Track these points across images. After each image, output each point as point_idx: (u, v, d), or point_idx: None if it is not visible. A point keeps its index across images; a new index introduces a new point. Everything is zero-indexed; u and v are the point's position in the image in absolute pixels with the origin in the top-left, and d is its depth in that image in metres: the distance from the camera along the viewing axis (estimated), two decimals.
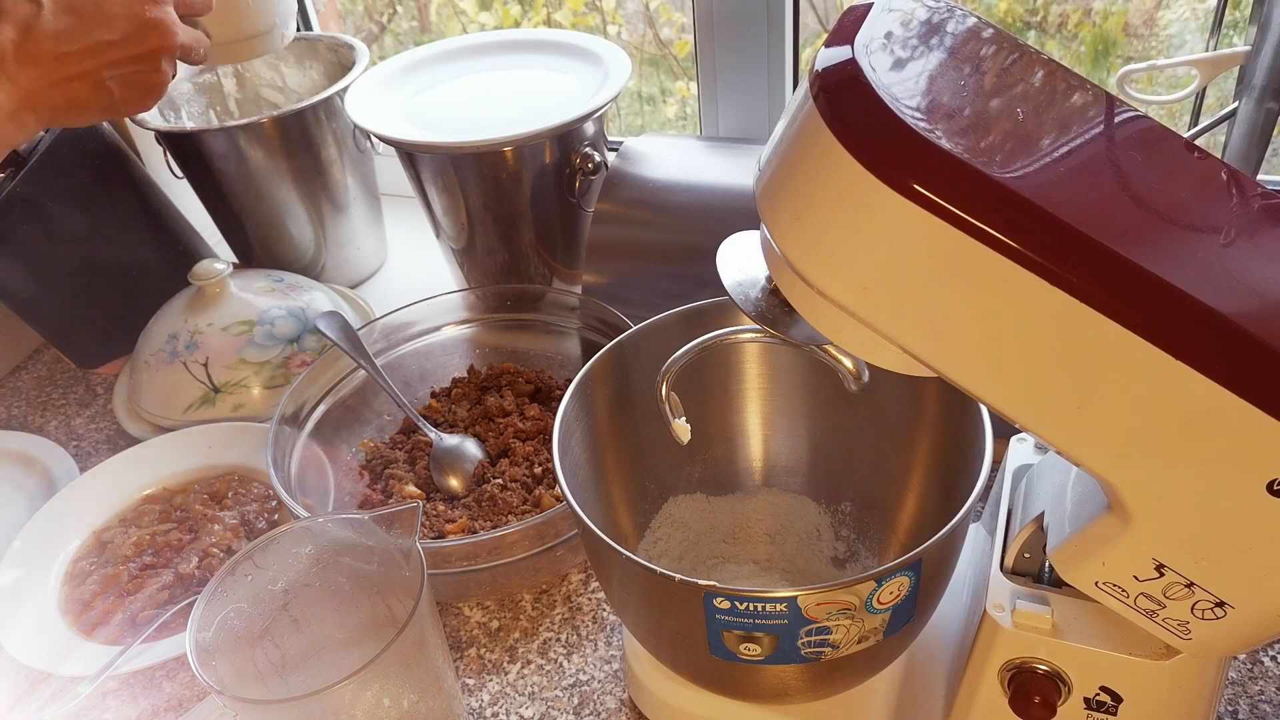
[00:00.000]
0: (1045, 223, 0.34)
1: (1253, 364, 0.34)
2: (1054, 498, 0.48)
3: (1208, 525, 0.38)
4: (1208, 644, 0.43)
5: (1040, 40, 1.14)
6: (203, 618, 0.53)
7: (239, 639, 0.55)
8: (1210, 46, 0.72)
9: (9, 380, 1.04)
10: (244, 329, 0.88)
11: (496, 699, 0.66)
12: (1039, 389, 0.38)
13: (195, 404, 0.87)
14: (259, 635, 0.57)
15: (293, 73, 1.10)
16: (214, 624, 0.53)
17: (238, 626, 0.55)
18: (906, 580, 0.48)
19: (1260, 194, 0.40)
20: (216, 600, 0.54)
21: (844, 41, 0.38)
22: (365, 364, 0.80)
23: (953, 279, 0.36)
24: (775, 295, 0.44)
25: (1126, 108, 0.41)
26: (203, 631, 0.53)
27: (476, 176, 0.87)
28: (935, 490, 0.61)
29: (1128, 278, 0.34)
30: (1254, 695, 0.61)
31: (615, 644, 0.69)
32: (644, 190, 0.82)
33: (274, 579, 0.57)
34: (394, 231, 1.13)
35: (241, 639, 0.55)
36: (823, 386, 0.65)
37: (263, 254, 1.04)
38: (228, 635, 0.54)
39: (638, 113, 1.40)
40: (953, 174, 0.34)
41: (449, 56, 0.97)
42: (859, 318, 0.39)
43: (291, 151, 0.95)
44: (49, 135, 0.88)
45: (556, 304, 0.87)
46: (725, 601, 0.47)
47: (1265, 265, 0.37)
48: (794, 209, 0.38)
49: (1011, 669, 0.49)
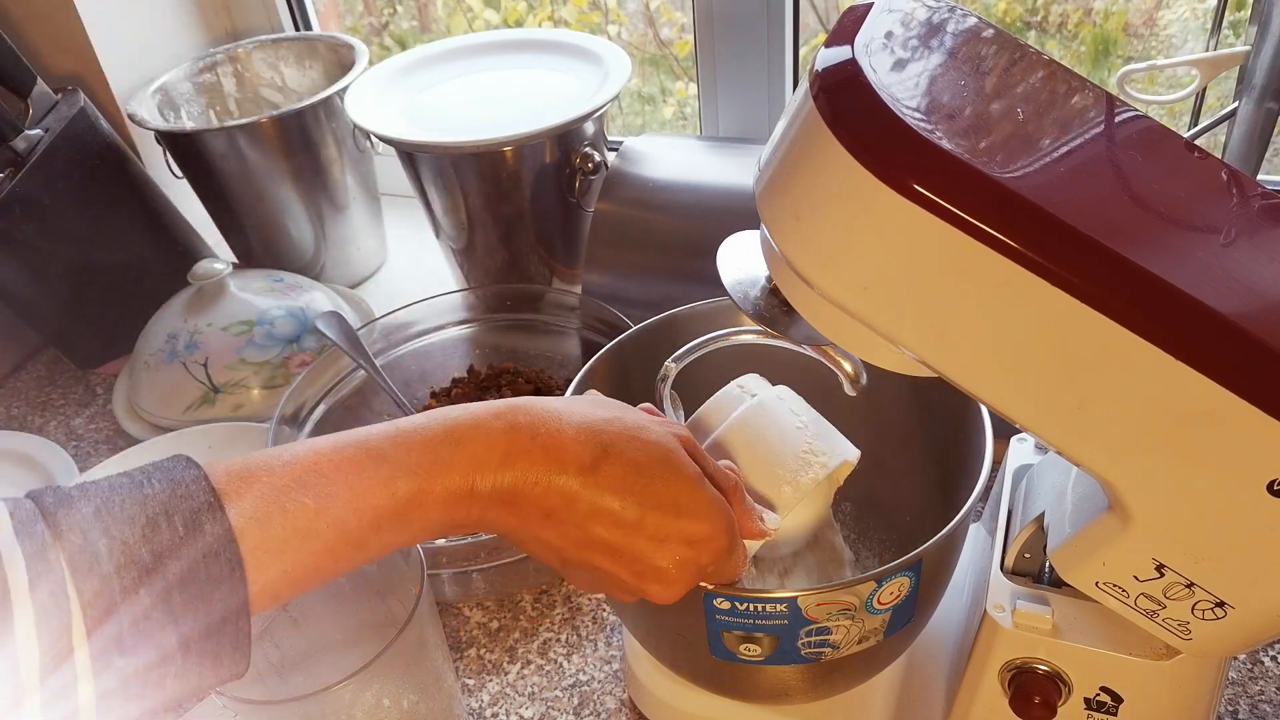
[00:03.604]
0: (1045, 223, 0.34)
1: (1252, 364, 0.34)
2: (1054, 498, 0.48)
3: (1208, 525, 0.38)
4: (1208, 644, 0.43)
5: (1040, 40, 1.14)
6: None
7: None
8: (1210, 46, 0.72)
9: (9, 380, 1.04)
10: (244, 329, 0.88)
11: (496, 699, 0.66)
12: (1039, 389, 0.38)
13: (195, 404, 0.87)
14: (258, 635, 0.56)
15: (292, 73, 1.10)
16: None
17: None
18: (906, 580, 0.48)
19: (1260, 194, 0.40)
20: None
21: (844, 41, 0.38)
22: (365, 364, 0.80)
23: (953, 279, 0.36)
24: (775, 295, 0.44)
25: (1127, 108, 0.41)
26: None
27: (476, 176, 0.87)
28: (935, 490, 0.61)
29: (1128, 278, 0.34)
30: (1254, 695, 0.61)
31: (615, 644, 0.69)
32: (644, 190, 0.82)
33: None
34: (394, 231, 1.13)
35: None
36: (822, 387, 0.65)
37: (263, 254, 1.03)
38: None
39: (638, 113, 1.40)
40: (953, 174, 0.34)
41: (449, 56, 0.97)
42: (859, 318, 0.39)
43: (291, 151, 0.95)
44: (49, 135, 0.88)
45: (556, 304, 0.87)
46: (725, 602, 0.47)
47: (1265, 265, 0.37)
48: (794, 209, 0.38)
49: (1012, 669, 0.49)
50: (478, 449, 0.41)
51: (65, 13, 0.99)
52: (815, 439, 0.51)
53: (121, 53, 1.04)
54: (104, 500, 0.34)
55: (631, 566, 0.43)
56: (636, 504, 0.42)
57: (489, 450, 0.41)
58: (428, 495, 0.40)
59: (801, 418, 0.52)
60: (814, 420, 0.53)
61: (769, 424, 0.51)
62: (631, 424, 0.44)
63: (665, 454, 0.43)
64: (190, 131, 0.94)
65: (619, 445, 0.43)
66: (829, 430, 0.53)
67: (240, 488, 0.36)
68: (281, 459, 0.38)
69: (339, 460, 0.39)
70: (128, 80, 1.04)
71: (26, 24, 1.01)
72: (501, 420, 0.41)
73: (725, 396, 0.54)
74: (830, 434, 0.53)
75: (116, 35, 1.03)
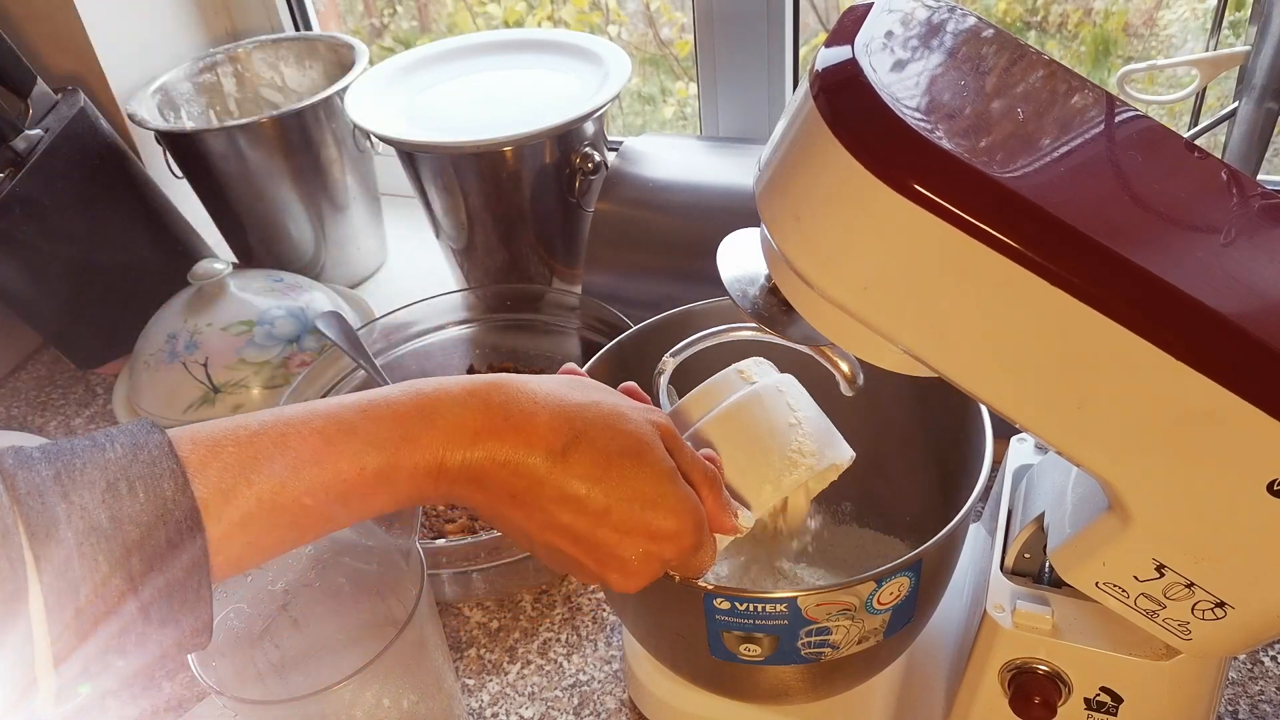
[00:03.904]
0: (1045, 223, 0.34)
1: (1252, 364, 0.34)
2: (1054, 498, 0.48)
3: (1208, 525, 0.38)
4: (1208, 644, 0.43)
5: (1040, 40, 1.14)
6: None
7: (239, 639, 0.55)
8: (1210, 46, 0.72)
9: (9, 380, 1.04)
10: (244, 329, 0.88)
11: (496, 699, 0.66)
12: (1039, 389, 0.38)
13: (195, 404, 0.87)
14: (259, 635, 0.57)
15: (292, 73, 1.10)
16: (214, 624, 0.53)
17: (237, 626, 0.55)
18: (906, 581, 0.48)
19: (1260, 194, 0.40)
20: (216, 600, 0.54)
21: (844, 41, 0.38)
22: (365, 364, 0.80)
23: (953, 279, 0.36)
24: (774, 294, 0.44)
25: (1127, 108, 0.41)
26: None
27: (476, 176, 0.87)
28: (935, 490, 0.61)
29: (1128, 278, 0.34)
30: (1254, 695, 0.61)
31: (615, 644, 0.69)
32: (644, 190, 0.82)
33: (274, 579, 0.57)
34: (394, 231, 1.13)
35: (241, 639, 0.55)
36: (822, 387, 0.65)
37: (263, 254, 1.03)
38: (227, 635, 0.54)
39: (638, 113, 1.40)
40: (953, 174, 0.34)
41: (449, 56, 0.97)
42: (859, 318, 0.39)
43: (291, 151, 0.95)
44: (49, 135, 0.88)
45: (556, 304, 0.87)
46: (725, 602, 0.47)
47: (1265, 265, 0.37)
48: (794, 209, 0.38)
49: (1012, 669, 0.49)
50: (449, 425, 0.40)
51: (65, 13, 0.99)
52: (807, 438, 0.50)
53: (121, 53, 1.04)
54: (65, 464, 0.34)
55: (593, 554, 0.43)
56: (603, 493, 0.42)
57: (460, 428, 0.40)
58: (396, 470, 0.39)
59: (798, 413, 0.50)
60: (812, 416, 0.51)
61: (760, 417, 0.50)
62: (609, 410, 0.43)
63: (639, 445, 0.43)
64: (190, 131, 0.94)
65: (592, 433, 0.42)
66: (825, 429, 0.52)
67: (206, 457, 0.36)
68: (249, 428, 0.37)
69: (306, 432, 0.38)
70: (128, 80, 1.04)
71: (26, 24, 1.01)
72: (476, 398, 0.41)
73: (721, 381, 0.52)
74: (826, 433, 0.51)
75: (116, 35, 1.03)
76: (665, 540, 0.43)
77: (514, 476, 0.41)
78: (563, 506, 0.42)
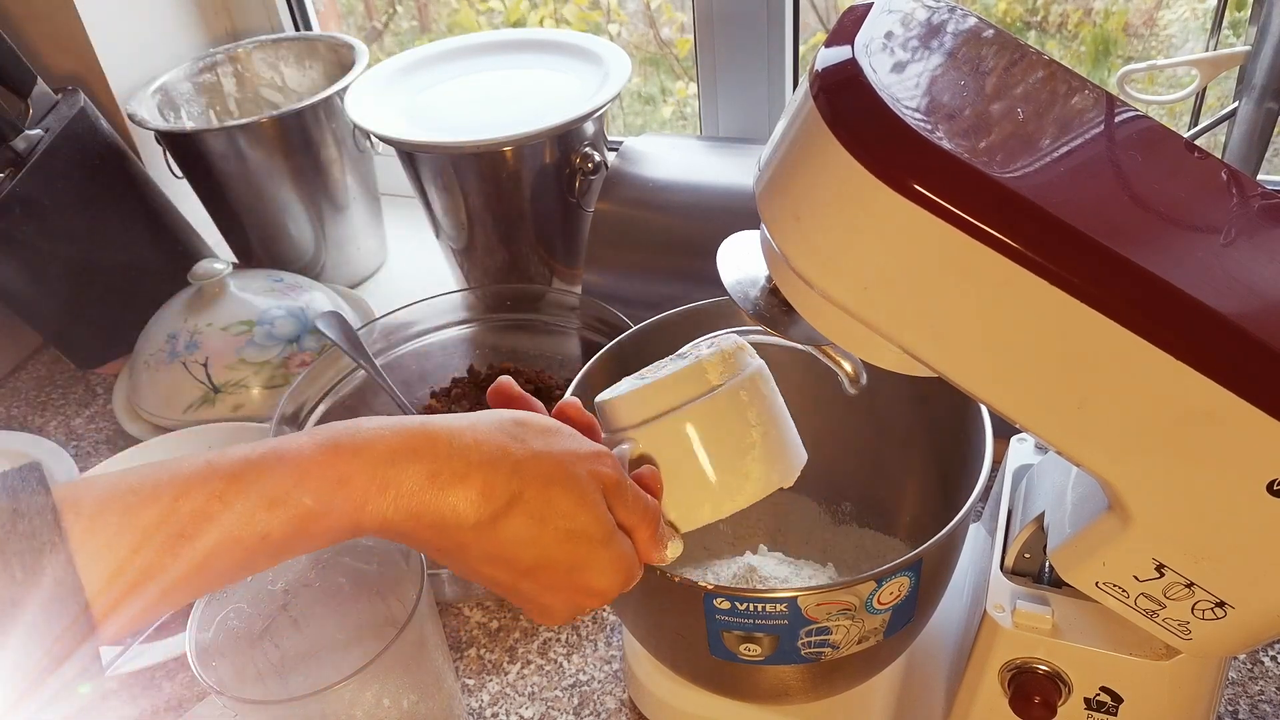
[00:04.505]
0: (1045, 223, 0.34)
1: (1252, 364, 0.34)
2: (1054, 498, 0.48)
3: (1208, 525, 0.38)
4: (1208, 644, 0.43)
5: (1040, 40, 1.14)
6: (202, 618, 0.53)
7: (239, 639, 0.55)
8: (1210, 46, 0.72)
9: (9, 380, 1.04)
10: (244, 329, 0.88)
11: (496, 699, 0.66)
12: (1039, 389, 0.38)
13: (195, 404, 0.87)
14: (259, 635, 0.57)
15: (292, 73, 1.10)
16: (213, 624, 0.53)
17: (237, 626, 0.55)
18: (906, 580, 0.48)
19: (1260, 194, 0.40)
20: (216, 600, 0.54)
21: (844, 41, 0.38)
22: (365, 364, 0.80)
23: (953, 279, 0.36)
24: (775, 295, 0.44)
25: (1127, 108, 0.41)
26: (202, 632, 0.53)
27: (476, 176, 0.87)
28: (935, 490, 0.61)
29: (1128, 278, 0.34)
30: (1254, 695, 0.61)
31: (615, 644, 0.69)
32: (644, 190, 0.82)
33: (273, 579, 0.57)
34: (394, 231, 1.13)
35: (241, 639, 0.55)
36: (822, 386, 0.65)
37: (263, 254, 1.03)
38: (227, 635, 0.54)
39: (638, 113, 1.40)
40: (953, 174, 0.34)
41: (449, 56, 0.97)
42: (859, 318, 0.39)
43: (291, 151, 0.95)
44: (49, 135, 0.88)
45: (556, 304, 0.87)
46: (725, 602, 0.47)
47: (1265, 265, 0.37)
48: (794, 209, 0.38)
49: (1012, 669, 0.49)
50: (369, 488, 0.37)
51: (65, 13, 0.99)
52: (758, 461, 0.47)
53: (121, 53, 1.04)
54: None
55: (518, 598, 0.43)
56: (533, 556, 0.41)
57: (380, 491, 0.38)
58: (307, 533, 0.37)
59: (755, 430, 0.47)
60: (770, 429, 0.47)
61: (713, 435, 0.46)
62: (549, 466, 0.41)
63: (576, 506, 0.41)
64: (190, 131, 0.94)
65: (528, 494, 0.40)
66: (780, 441, 0.48)
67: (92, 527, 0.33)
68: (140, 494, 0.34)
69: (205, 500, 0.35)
70: (128, 80, 1.04)
71: (26, 24, 1.01)
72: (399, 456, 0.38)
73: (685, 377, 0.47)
74: (779, 449, 0.48)
75: (116, 35, 1.03)
76: (591, 596, 0.43)
77: (439, 538, 0.40)
78: (489, 564, 0.41)
